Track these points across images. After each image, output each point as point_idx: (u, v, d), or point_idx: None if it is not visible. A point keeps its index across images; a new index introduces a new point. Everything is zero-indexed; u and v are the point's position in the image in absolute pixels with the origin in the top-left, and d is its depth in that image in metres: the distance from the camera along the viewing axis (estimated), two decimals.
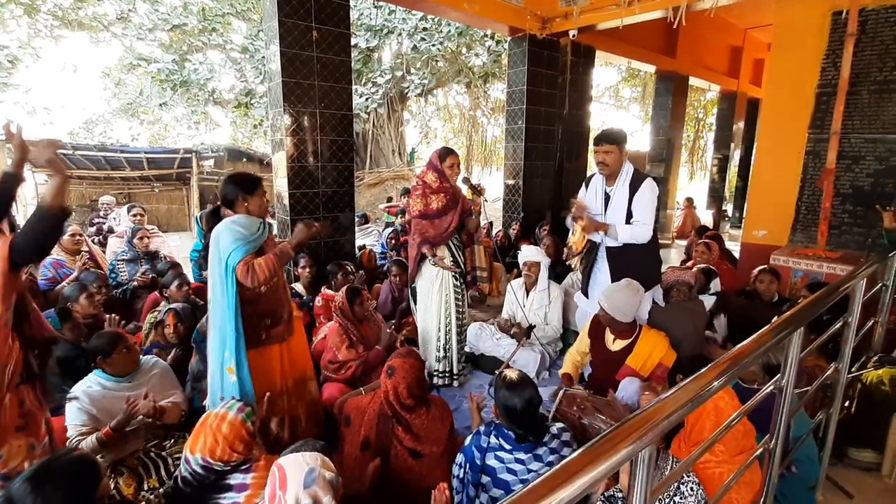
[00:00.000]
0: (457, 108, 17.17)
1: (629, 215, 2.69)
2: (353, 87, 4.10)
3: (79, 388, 2.08)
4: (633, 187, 2.67)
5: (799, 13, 3.99)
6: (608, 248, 2.83)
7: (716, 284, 3.35)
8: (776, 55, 4.25)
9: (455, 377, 3.17)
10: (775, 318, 1.44)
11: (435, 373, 3.15)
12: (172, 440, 2.11)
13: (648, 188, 2.65)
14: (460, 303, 3.11)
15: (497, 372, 1.88)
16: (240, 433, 1.56)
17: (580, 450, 0.77)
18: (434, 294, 3.06)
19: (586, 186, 2.97)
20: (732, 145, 9.58)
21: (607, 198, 2.79)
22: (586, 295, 3.05)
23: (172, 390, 2.36)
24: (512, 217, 6.05)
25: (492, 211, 8.98)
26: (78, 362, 2.34)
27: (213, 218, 2.20)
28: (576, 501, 0.69)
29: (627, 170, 2.73)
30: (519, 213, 5.93)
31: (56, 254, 3.61)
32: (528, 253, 3.53)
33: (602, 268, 2.88)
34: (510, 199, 6.08)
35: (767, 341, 1.29)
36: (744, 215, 4.87)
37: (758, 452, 1.47)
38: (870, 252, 2.88)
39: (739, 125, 9.51)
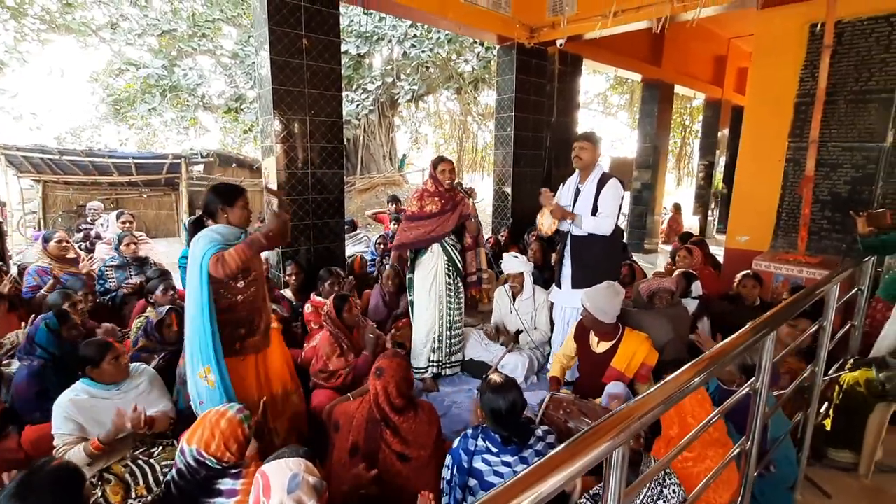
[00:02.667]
0: (447, 114, 17.28)
1: (595, 209, 2.97)
2: (344, 93, 4.14)
3: (65, 396, 2.06)
4: (601, 185, 2.97)
5: (778, 25, 4.11)
6: (573, 241, 3.10)
7: (697, 288, 3.42)
8: (757, 65, 4.36)
9: (445, 367, 3.34)
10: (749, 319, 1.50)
11: (429, 363, 3.29)
12: (161, 447, 2.11)
13: (613, 186, 2.95)
14: (452, 299, 3.28)
15: (484, 376, 1.92)
16: (235, 432, 1.58)
17: (560, 447, 0.80)
18: (427, 291, 3.23)
19: (563, 185, 3.30)
20: (718, 152, 9.76)
21: (577, 192, 3.09)
22: (559, 286, 3.27)
23: (161, 398, 2.35)
24: (501, 223, 6.11)
25: (482, 215, 9.03)
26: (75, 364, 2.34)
27: (195, 227, 2.17)
28: (554, 496, 0.73)
29: (598, 170, 3.03)
30: (508, 219, 5.99)
31: (41, 261, 3.58)
32: (510, 264, 3.59)
33: (567, 261, 3.15)
34: (500, 205, 6.14)
35: (745, 341, 1.35)
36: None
37: (734, 453, 1.52)
38: (845, 257, 2.97)
39: (724, 132, 9.70)
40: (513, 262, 3.61)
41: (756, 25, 4.28)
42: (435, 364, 3.31)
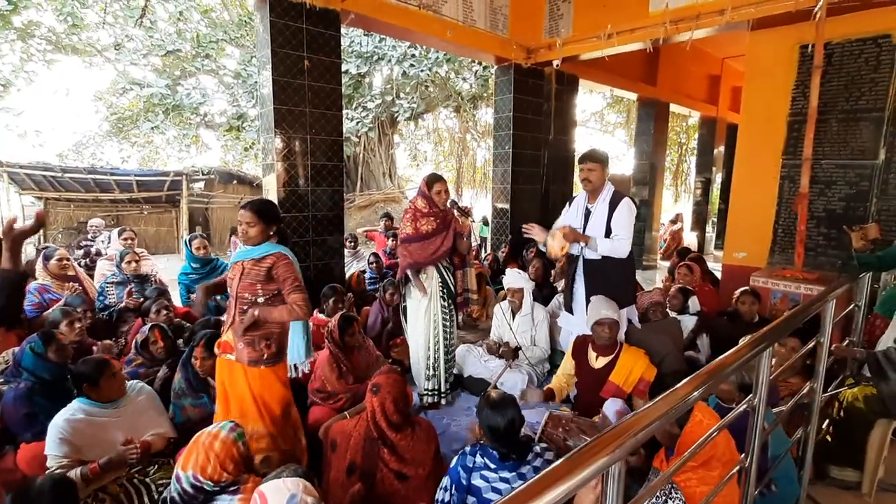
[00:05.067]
0: (446, 132, 17.50)
1: (608, 231, 2.83)
2: (344, 111, 4.20)
3: (61, 416, 2.04)
4: (613, 205, 2.84)
5: (769, 46, 4.20)
6: (586, 265, 2.95)
7: (694, 304, 3.43)
8: (750, 85, 4.45)
9: (442, 395, 3.22)
10: (748, 336, 1.51)
11: (425, 392, 3.19)
12: (156, 466, 2.09)
13: (626, 206, 2.82)
14: (448, 323, 3.18)
15: (483, 393, 1.92)
16: (230, 452, 1.57)
17: (558, 461, 0.80)
18: (422, 314, 3.13)
19: (569, 204, 3.13)
20: (714, 169, 9.85)
21: (587, 214, 2.94)
22: (570, 311, 3.14)
23: (157, 417, 2.33)
24: (501, 240, 6.14)
25: (477, 233, 9.08)
26: (65, 384, 2.32)
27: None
28: None
29: (608, 189, 2.89)
30: (507, 235, 6.02)
31: (42, 279, 3.58)
32: (511, 279, 3.60)
33: (580, 287, 3.00)
34: (499, 221, 6.18)
35: (742, 357, 1.35)
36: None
37: (734, 471, 1.51)
38: (841, 273, 2.99)
39: (720, 149, 9.80)
40: (515, 277, 3.61)
41: (748, 47, 4.38)
42: (431, 392, 3.19)
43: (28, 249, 8.43)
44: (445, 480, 1.81)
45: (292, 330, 2.27)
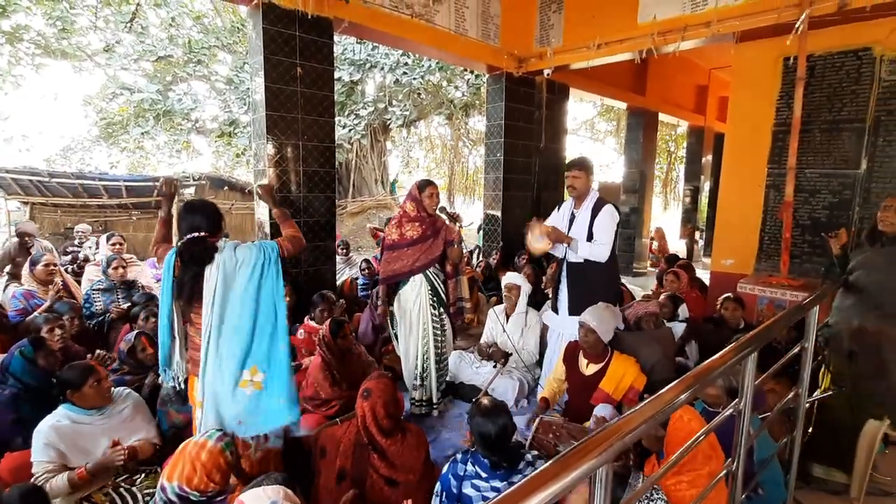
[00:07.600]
0: (439, 139, 17.58)
1: (590, 236, 2.92)
2: (337, 118, 4.21)
3: (46, 423, 2.02)
4: (595, 211, 2.93)
5: (754, 58, 4.30)
6: (568, 268, 3.05)
7: (683, 311, 3.47)
8: (736, 96, 4.54)
9: (434, 406, 3.16)
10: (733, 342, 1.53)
11: (412, 401, 3.14)
12: (143, 474, 2.06)
13: (608, 212, 2.91)
14: (438, 332, 3.12)
15: (474, 400, 1.92)
16: (217, 462, 1.55)
17: (545, 465, 0.81)
18: (412, 322, 3.10)
19: (558, 209, 3.24)
20: (703, 177, 10.00)
21: (572, 218, 3.05)
22: (556, 311, 3.22)
23: (145, 424, 2.31)
24: (492, 246, 6.17)
25: (471, 239, 9.12)
26: (51, 392, 2.29)
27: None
28: None
29: (593, 196, 2.99)
30: (498, 242, 6.05)
31: (27, 284, 3.54)
32: (510, 277, 3.65)
33: (564, 288, 3.10)
34: (490, 228, 6.21)
35: (727, 362, 1.37)
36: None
37: (721, 475, 1.53)
38: (825, 280, 3.04)
39: (708, 158, 9.96)
40: (513, 275, 3.67)
41: (733, 58, 4.48)
42: (417, 403, 3.14)
43: None
44: (437, 487, 1.81)
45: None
